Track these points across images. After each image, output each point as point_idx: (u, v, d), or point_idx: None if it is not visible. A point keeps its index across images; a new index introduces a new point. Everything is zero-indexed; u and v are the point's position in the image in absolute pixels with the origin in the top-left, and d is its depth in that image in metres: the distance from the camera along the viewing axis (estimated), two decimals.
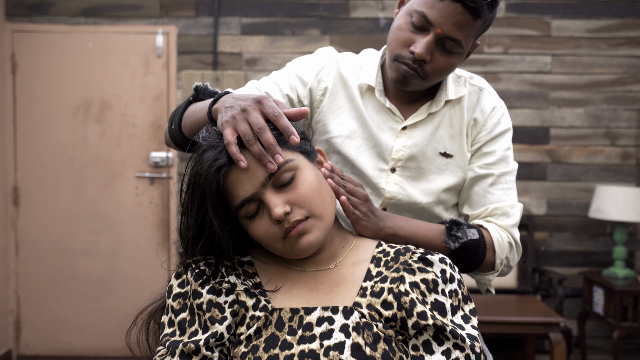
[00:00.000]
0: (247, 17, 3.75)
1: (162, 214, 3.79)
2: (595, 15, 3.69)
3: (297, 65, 1.33)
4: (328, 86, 1.30)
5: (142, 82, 3.77)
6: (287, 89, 1.29)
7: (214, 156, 0.95)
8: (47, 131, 3.77)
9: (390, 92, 1.29)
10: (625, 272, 3.42)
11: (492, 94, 1.32)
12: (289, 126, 0.96)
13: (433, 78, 1.21)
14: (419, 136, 1.27)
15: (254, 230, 0.97)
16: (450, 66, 1.19)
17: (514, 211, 1.27)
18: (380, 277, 0.98)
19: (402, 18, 1.19)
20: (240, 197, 0.95)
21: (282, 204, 0.94)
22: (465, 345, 0.92)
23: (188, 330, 0.95)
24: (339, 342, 0.90)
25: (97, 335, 3.77)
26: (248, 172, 0.95)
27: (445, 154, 1.28)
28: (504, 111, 1.32)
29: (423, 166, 1.28)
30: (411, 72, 1.18)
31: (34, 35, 3.76)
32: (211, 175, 0.93)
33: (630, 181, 3.71)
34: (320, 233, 0.97)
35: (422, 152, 1.27)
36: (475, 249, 1.21)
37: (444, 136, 1.28)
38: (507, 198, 1.28)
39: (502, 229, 1.26)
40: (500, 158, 1.29)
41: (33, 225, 3.79)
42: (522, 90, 3.71)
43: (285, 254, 0.99)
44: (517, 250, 1.28)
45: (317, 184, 0.98)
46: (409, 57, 1.17)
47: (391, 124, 1.28)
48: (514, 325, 2.94)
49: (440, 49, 1.16)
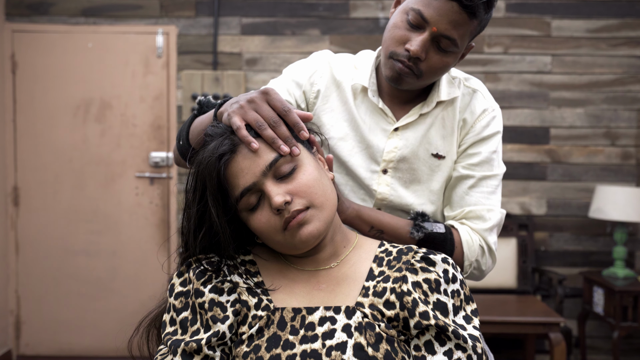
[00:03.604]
0: (247, 17, 3.75)
1: (162, 214, 3.79)
2: (595, 15, 3.70)
3: (292, 69, 1.35)
4: (321, 89, 1.31)
5: (142, 82, 3.76)
6: (286, 94, 1.31)
7: (216, 145, 0.95)
8: (47, 131, 3.77)
9: (384, 93, 1.30)
10: (625, 272, 3.42)
11: (485, 96, 1.32)
12: (298, 122, 0.98)
13: (427, 77, 1.21)
14: (411, 137, 1.27)
15: (254, 222, 0.97)
16: (444, 65, 1.20)
17: (491, 215, 1.25)
18: (383, 276, 0.98)
19: (398, 16, 1.20)
20: (240, 186, 0.95)
21: (282, 194, 0.94)
22: (467, 346, 0.92)
23: (190, 329, 0.95)
24: (341, 342, 0.90)
25: (97, 335, 3.77)
26: (249, 162, 0.95)
27: (437, 155, 1.28)
28: (496, 114, 1.30)
29: (415, 167, 1.28)
30: (406, 70, 1.18)
31: (34, 35, 3.76)
32: (212, 164, 0.94)
33: (630, 181, 3.71)
34: (320, 224, 0.96)
35: (413, 154, 1.28)
36: (441, 243, 1.20)
37: (436, 137, 1.28)
38: (485, 202, 1.26)
39: (473, 232, 1.24)
40: (484, 160, 1.27)
41: (33, 225, 3.78)
42: (522, 90, 3.71)
43: (285, 248, 0.99)
44: (490, 255, 1.25)
45: (317, 175, 0.98)
46: (404, 55, 1.17)
47: (383, 125, 1.29)
48: (514, 325, 2.94)
49: (436, 48, 1.17)
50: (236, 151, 0.95)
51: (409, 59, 1.17)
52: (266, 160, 0.95)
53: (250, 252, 1.05)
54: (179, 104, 3.75)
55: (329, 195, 0.98)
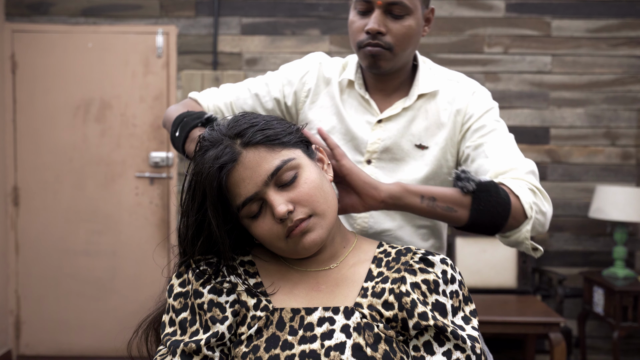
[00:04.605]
0: (247, 17, 3.75)
1: (162, 214, 3.79)
2: (595, 15, 3.69)
3: (287, 68, 1.43)
4: (311, 87, 1.39)
5: (142, 82, 3.77)
6: (276, 91, 1.40)
7: (216, 154, 0.94)
8: (47, 131, 3.77)
9: (370, 88, 1.36)
10: (625, 272, 3.42)
11: (469, 82, 1.36)
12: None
13: (400, 48, 1.27)
14: (394, 129, 1.32)
15: (256, 230, 0.97)
16: (408, 30, 1.26)
17: (522, 164, 1.20)
18: (382, 277, 0.98)
19: (351, 15, 1.31)
20: (242, 196, 0.95)
21: (284, 203, 0.94)
22: (466, 346, 0.92)
23: (189, 329, 0.95)
24: (340, 342, 0.90)
25: (97, 335, 3.77)
26: (250, 171, 0.94)
27: (420, 145, 1.31)
28: (485, 94, 1.33)
29: (398, 158, 1.31)
30: (375, 48, 1.25)
31: (34, 35, 3.76)
32: (213, 174, 0.93)
33: (630, 181, 3.71)
34: (323, 231, 0.97)
35: (396, 145, 1.32)
36: (496, 190, 1.13)
37: (419, 129, 1.32)
38: (510, 157, 1.22)
39: (514, 179, 1.18)
40: (492, 129, 1.27)
41: (33, 225, 3.79)
42: (522, 90, 3.71)
43: (287, 253, 0.99)
44: (542, 196, 1.18)
45: (319, 182, 0.98)
46: (367, 37, 1.26)
47: (368, 118, 1.34)
48: (514, 325, 2.94)
49: (391, 18, 1.25)
50: (237, 160, 0.94)
51: (373, 38, 1.25)
52: (268, 170, 0.94)
53: (249, 253, 1.05)
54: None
55: (330, 202, 0.99)
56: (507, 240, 1.19)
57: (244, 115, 1.00)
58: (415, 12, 1.26)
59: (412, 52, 1.32)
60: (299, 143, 1.00)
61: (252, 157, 0.95)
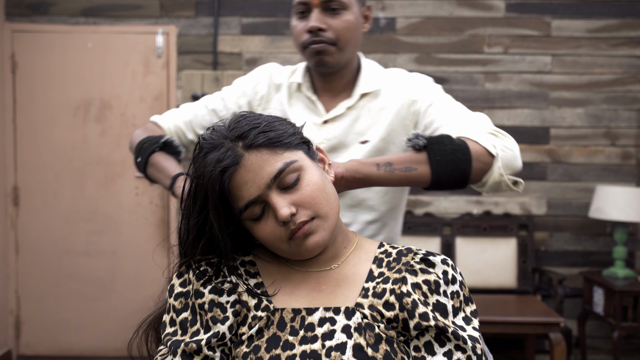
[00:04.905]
0: (247, 17, 3.75)
1: (162, 214, 3.79)
2: (595, 15, 3.70)
3: (240, 81, 1.52)
4: (263, 94, 1.48)
5: (142, 82, 3.77)
6: (232, 104, 1.48)
7: (217, 157, 0.94)
8: (47, 131, 3.77)
9: (318, 90, 1.44)
10: (625, 272, 3.42)
11: (411, 74, 1.43)
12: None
13: (343, 42, 1.34)
14: (339, 129, 1.39)
15: (258, 232, 0.97)
16: (347, 24, 1.34)
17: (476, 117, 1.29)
18: (382, 277, 0.98)
19: (292, 20, 1.39)
20: (244, 199, 0.95)
21: (287, 206, 0.94)
22: (466, 347, 0.92)
23: (190, 329, 0.95)
24: (341, 342, 0.90)
25: (97, 335, 3.77)
26: (253, 174, 0.94)
27: (364, 141, 1.39)
28: (425, 79, 1.41)
29: (344, 156, 1.38)
30: (319, 45, 1.33)
31: (34, 35, 3.76)
32: (215, 177, 0.93)
33: (630, 181, 3.71)
34: (326, 233, 0.97)
35: (341, 144, 1.39)
36: (449, 139, 1.19)
37: (364, 126, 1.39)
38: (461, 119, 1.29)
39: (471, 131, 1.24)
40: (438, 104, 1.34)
41: (33, 225, 3.79)
42: (522, 90, 3.72)
43: (290, 255, 0.99)
44: (504, 136, 1.24)
45: (321, 184, 0.98)
46: (309, 36, 1.34)
47: (314, 119, 1.41)
48: (514, 325, 2.94)
49: (329, 14, 1.33)
50: (239, 163, 0.94)
51: (315, 35, 1.33)
52: (270, 173, 0.94)
53: (250, 253, 1.05)
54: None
55: (332, 204, 0.99)
56: (486, 187, 1.24)
57: (245, 116, 1.00)
58: (351, 8, 1.35)
59: (354, 48, 1.39)
60: (300, 144, 1.00)
61: (255, 160, 0.94)
